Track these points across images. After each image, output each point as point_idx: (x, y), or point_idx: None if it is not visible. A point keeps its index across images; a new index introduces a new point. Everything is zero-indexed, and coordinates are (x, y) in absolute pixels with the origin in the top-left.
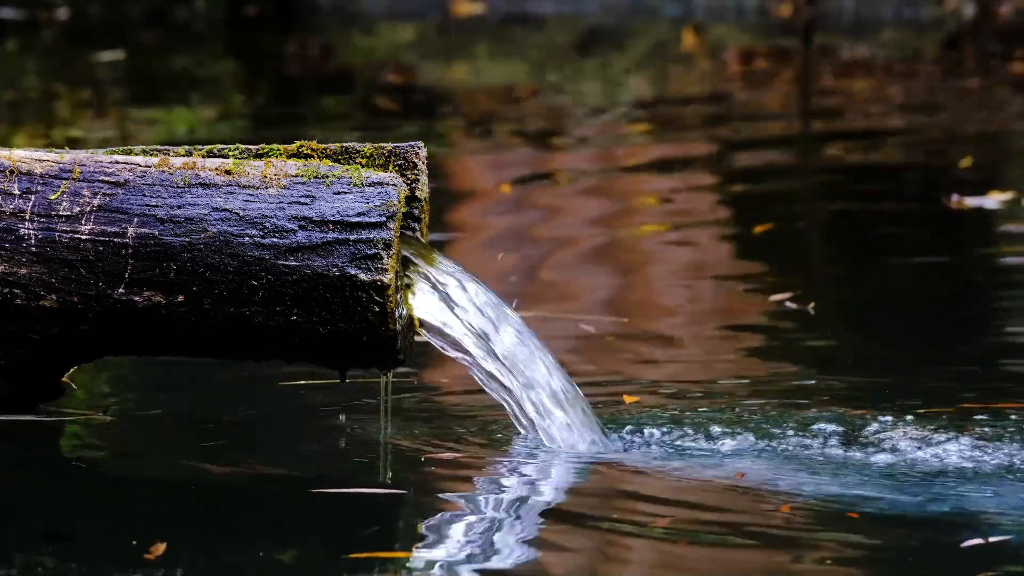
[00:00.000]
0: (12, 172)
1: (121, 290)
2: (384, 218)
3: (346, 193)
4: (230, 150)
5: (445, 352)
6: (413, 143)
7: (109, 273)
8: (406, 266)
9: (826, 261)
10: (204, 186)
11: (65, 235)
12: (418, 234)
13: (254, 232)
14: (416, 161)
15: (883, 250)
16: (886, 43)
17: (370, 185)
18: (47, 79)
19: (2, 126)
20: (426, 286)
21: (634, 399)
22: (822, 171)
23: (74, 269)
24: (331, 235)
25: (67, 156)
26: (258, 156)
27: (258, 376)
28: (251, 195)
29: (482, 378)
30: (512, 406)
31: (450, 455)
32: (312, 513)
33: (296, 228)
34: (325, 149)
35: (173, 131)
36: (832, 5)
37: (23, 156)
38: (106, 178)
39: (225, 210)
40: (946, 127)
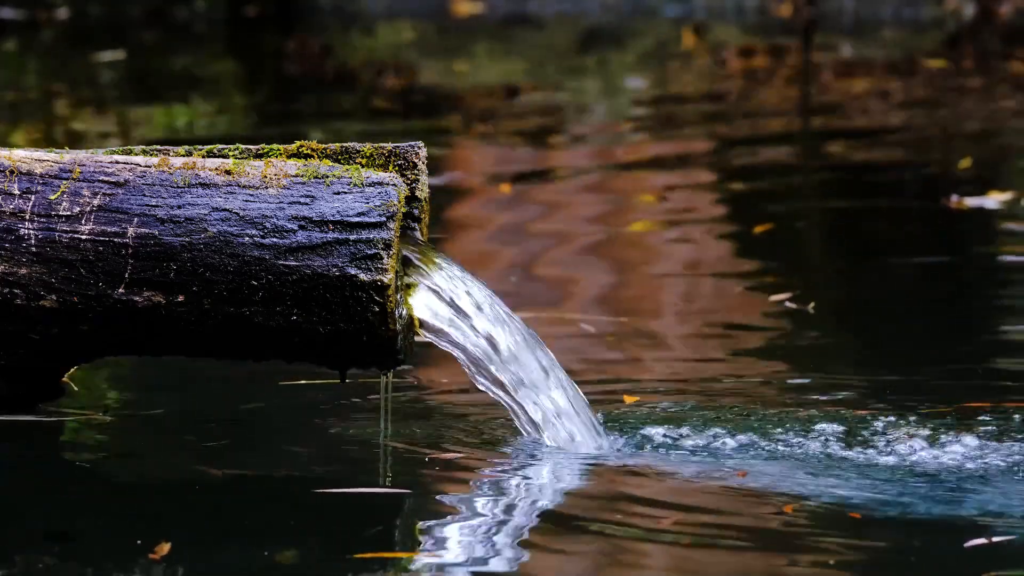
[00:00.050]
0: (12, 172)
1: (121, 290)
2: (384, 218)
3: (346, 193)
4: (230, 150)
5: (445, 352)
6: (413, 143)
7: (109, 273)
8: (406, 266)
9: (826, 261)
10: (204, 186)
11: (65, 235)
12: (418, 234)
13: (254, 232)
14: (416, 161)
15: (883, 250)
16: (886, 43)
17: (370, 185)
18: (47, 79)
19: (2, 125)
20: (426, 286)
21: (634, 399)
22: (822, 170)
23: (74, 269)
24: (331, 235)
25: (67, 156)
26: (258, 156)
27: (258, 376)
28: (251, 195)
29: (482, 378)
30: (512, 406)
31: (450, 455)
32: (313, 513)
33: (296, 228)
34: (325, 149)
35: (172, 126)
36: (832, 5)
37: (23, 156)
38: (106, 178)
39: (225, 210)
40: (946, 127)
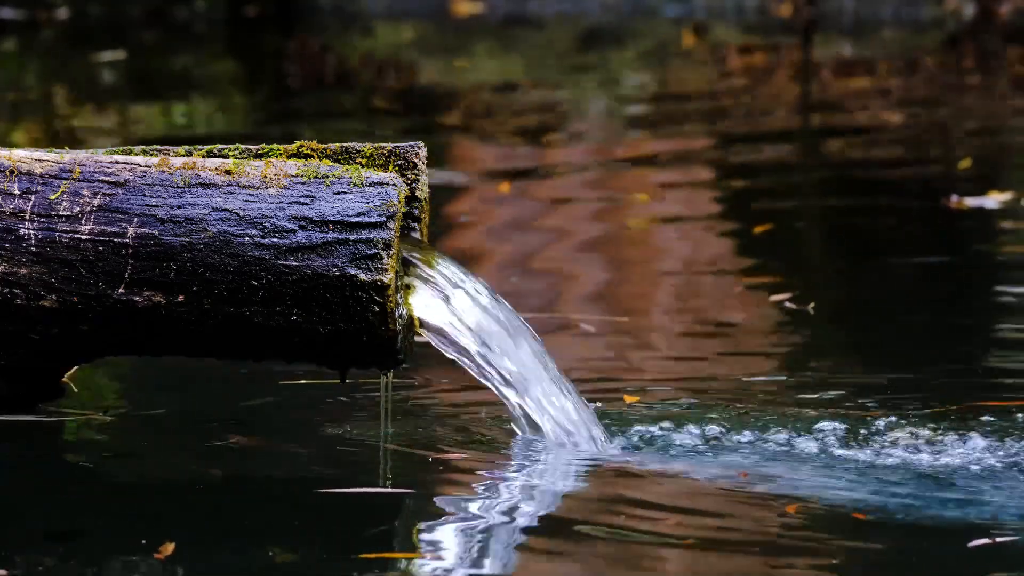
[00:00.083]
0: (12, 172)
1: (121, 290)
2: (384, 218)
3: (346, 193)
4: (230, 150)
5: (445, 352)
6: (413, 143)
7: (109, 273)
8: (406, 266)
9: (826, 261)
10: (204, 186)
11: (65, 235)
12: (418, 234)
13: (254, 232)
14: (416, 161)
15: (883, 250)
16: (886, 43)
17: (370, 185)
18: (47, 79)
19: (2, 124)
20: (426, 286)
21: (634, 399)
22: (821, 168)
23: (74, 269)
24: (331, 235)
25: (67, 156)
26: (258, 156)
27: (258, 376)
28: (251, 195)
29: (482, 378)
30: (512, 406)
31: (450, 456)
32: (313, 513)
33: (296, 228)
34: (325, 149)
35: (172, 125)
36: (832, 5)
37: (23, 156)
38: (106, 178)
39: (225, 210)
40: (946, 127)
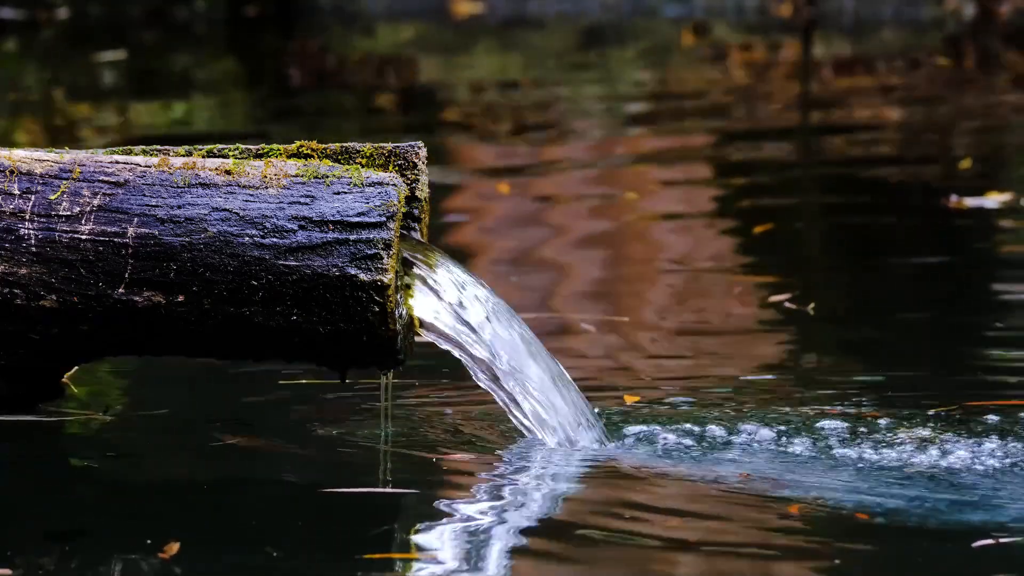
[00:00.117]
0: (12, 172)
1: (121, 290)
2: (384, 218)
3: (346, 193)
4: (230, 150)
5: (445, 351)
6: (413, 143)
7: (109, 273)
8: (406, 266)
9: (826, 260)
10: (204, 186)
11: (65, 235)
12: (418, 234)
13: (254, 232)
14: (416, 161)
15: (883, 250)
16: (886, 43)
17: (370, 185)
18: (47, 79)
19: (2, 123)
20: (426, 286)
21: (635, 399)
22: (821, 167)
23: (74, 269)
24: (331, 235)
25: (67, 156)
26: (258, 156)
27: (259, 376)
28: (251, 195)
29: (482, 378)
30: (513, 406)
31: (451, 456)
32: (314, 514)
33: (296, 228)
34: (325, 149)
35: (172, 125)
36: (832, 5)
37: (23, 156)
38: (106, 178)
39: (225, 210)
40: (946, 127)
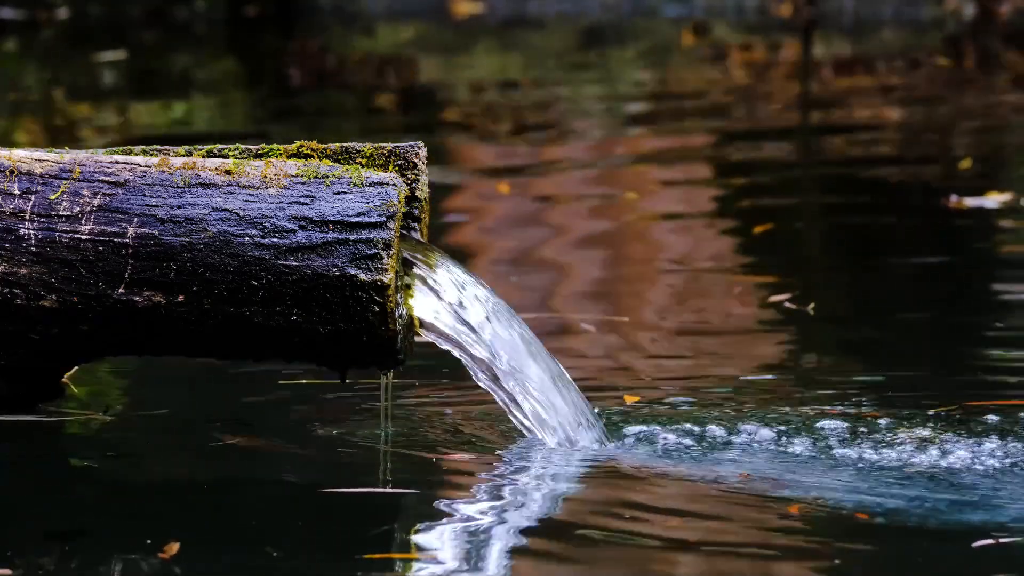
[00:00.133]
0: (12, 172)
1: (121, 290)
2: (384, 218)
3: (346, 193)
4: (230, 150)
5: (445, 351)
6: (413, 143)
7: (109, 273)
8: (406, 266)
9: (825, 260)
10: (204, 186)
11: (65, 235)
12: (418, 234)
13: (254, 232)
14: (416, 161)
15: (883, 250)
16: (886, 43)
17: (370, 185)
18: (48, 79)
19: (2, 123)
20: (426, 286)
21: (635, 399)
22: (821, 166)
23: (74, 269)
24: (331, 235)
25: (67, 156)
26: (258, 156)
27: (259, 376)
28: (251, 195)
29: (483, 378)
30: (512, 406)
31: (451, 456)
32: (314, 514)
33: (296, 228)
34: (325, 149)
35: (172, 124)
36: (832, 5)
37: (23, 156)
38: (106, 178)
39: (225, 210)
40: (946, 127)
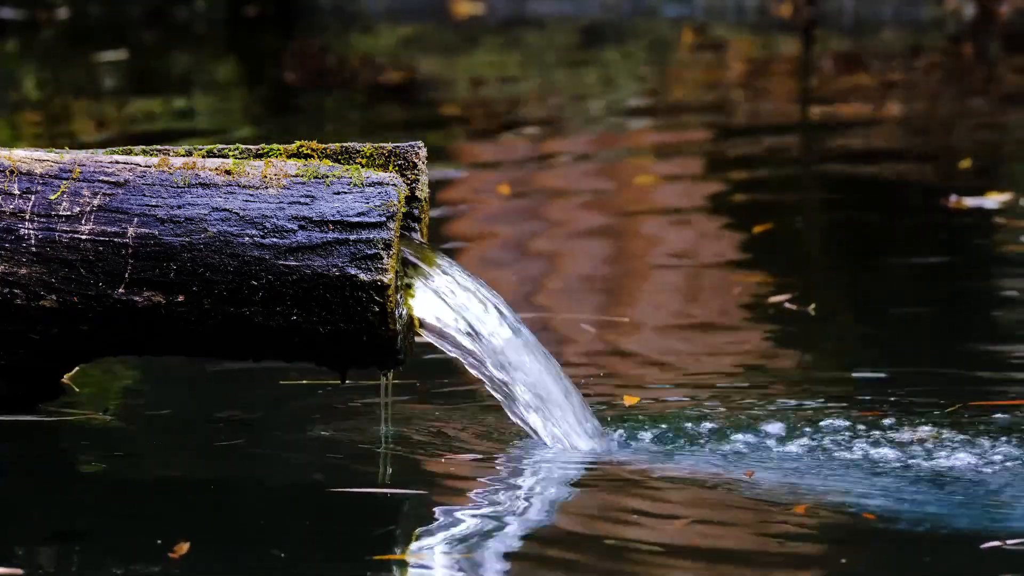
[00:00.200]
0: (12, 172)
1: (121, 290)
2: (384, 218)
3: (346, 193)
4: (230, 150)
5: (446, 352)
6: (413, 143)
7: (109, 273)
8: (406, 266)
9: (825, 260)
10: (204, 186)
11: (65, 235)
12: (418, 234)
13: (254, 232)
14: (416, 161)
15: (882, 250)
16: (886, 43)
17: (370, 185)
18: (48, 79)
19: (2, 123)
20: (426, 286)
21: (635, 400)
22: (821, 164)
23: (74, 269)
24: (331, 235)
25: (67, 156)
26: (258, 156)
27: (259, 376)
28: (251, 195)
29: (483, 378)
30: (512, 406)
31: (450, 457)
32: (313, 514)
33: (296, 228)
34: (325, 149)
35: (171, 124)
36: (832, 5)
37: (23, 156)
38: (106, 178)
39: (225, 210)
40: (946, 126)
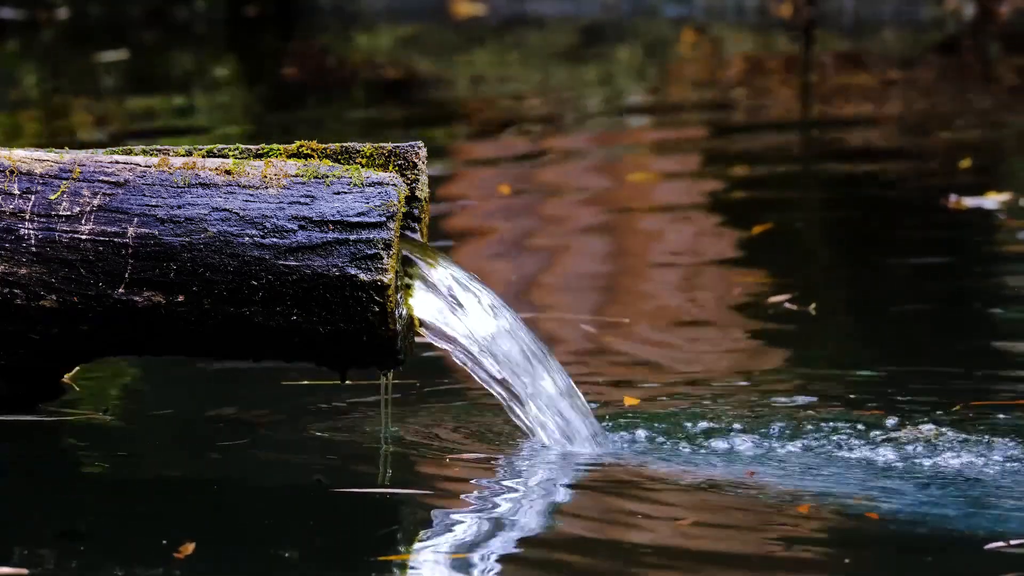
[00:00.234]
0: (12, 172)
1: (121, 290)
2: (384, 218)
3: (346, 193)
4: (230, 150)
5: (446, 352)
6: (413, 143)
7: (109, 273)
8: (406, 266)
9: (825, 260)
10: (204, 186)
11: (65, 235)
12: (418, 234)
13: (254, 232)
14: (416, 161)
15: (882, 250)
16: (886, 43)
17: (370, 185)
18: (47, 79)
19: (3, 122)
20: (426, 286)
21: (635, 400)
22: (820, 165)
23: (74, 269)
24: (331, 235)
25: (67, 156)
26: (258, 156)
27: (260, 376)
28: (251, 195)
29: (483, 378)
30: (512, 407)
31: (450, 457)
32: (313, 514)
33: (296, 228)
34: (325, 149)
35: (172, 123)
36: (832, 5)
37: (23, 156)
38: (106, 178)
39: (225, 210)
40: (945, 127)
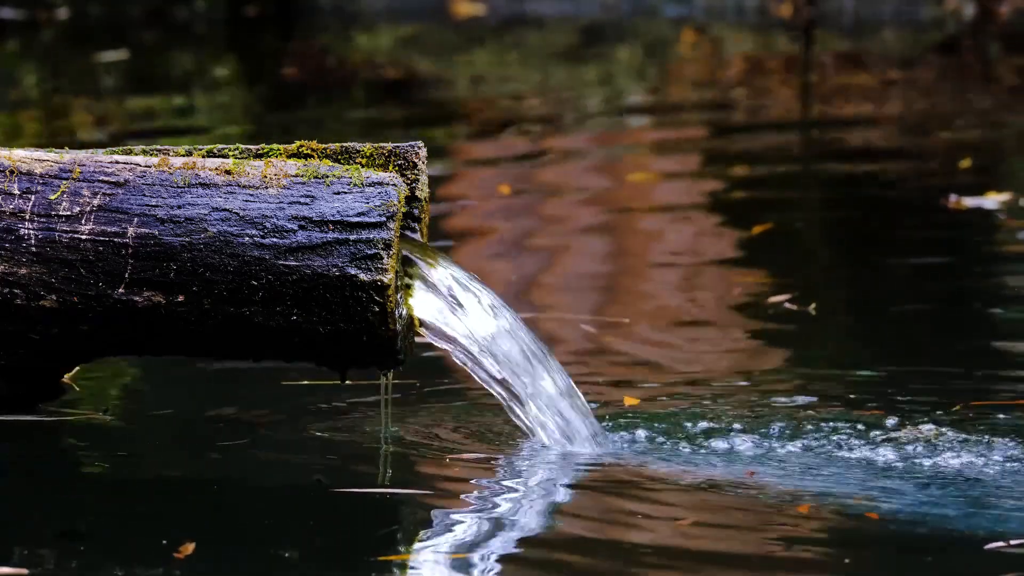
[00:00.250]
0: (12, 172)
1: (121, 290)
2: (384, 218)
3: (346, 193)
4: (230, 150)
5: (446, 352)
6: (413, 143)
7: (109, 273)
8: (406, 266)
9: (825, 260)
10: (204, 186)
11: (65, 235)
12: (418, 234)
13: (254, 232)
14: (416, 161)
15: (882, 250)
16: (886, 42)
17: (370, 185)
18: (47, 79)
19: (3, 122)
20: (426, 286)
21: (635, 401)
22: (820, 165)
23: (74, 269)
24: (331, 235)
25: (67, 156)
26: (258, 156)
27: (260, 376)
28: (251, 195)
29: (483, 379)
30: (512, 407)
31: (450, 457)
32: (313, 514)
33: (296, 228)
34: (325, 149)
35: (171, 122)
36: (832, 5)
37: (23, 156)
38: (106, 178)
39: (225, 210)
40: (945, 126)
